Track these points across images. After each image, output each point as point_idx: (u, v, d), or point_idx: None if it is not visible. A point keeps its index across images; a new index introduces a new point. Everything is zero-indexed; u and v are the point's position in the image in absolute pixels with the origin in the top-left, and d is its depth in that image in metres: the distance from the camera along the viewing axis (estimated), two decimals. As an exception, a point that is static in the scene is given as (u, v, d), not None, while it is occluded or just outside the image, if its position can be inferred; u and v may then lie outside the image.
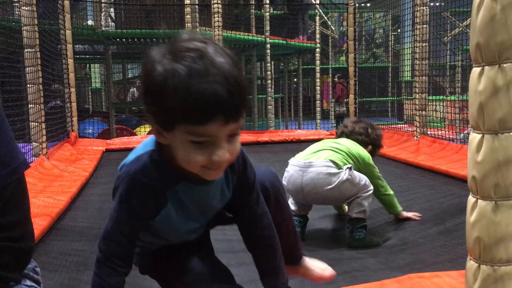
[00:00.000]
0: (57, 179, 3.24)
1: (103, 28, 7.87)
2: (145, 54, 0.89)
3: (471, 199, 1.04)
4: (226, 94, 0.82)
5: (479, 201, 1.01)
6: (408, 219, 2.41)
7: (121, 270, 1.02)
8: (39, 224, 2.10)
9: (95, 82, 16.40)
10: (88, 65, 16.01)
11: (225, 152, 0.87)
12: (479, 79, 1.00)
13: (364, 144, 2.39)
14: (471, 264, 1.05)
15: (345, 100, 10.35)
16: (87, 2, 8.69)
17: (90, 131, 9.58)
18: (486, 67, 0.99)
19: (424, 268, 1.78)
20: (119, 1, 8.88)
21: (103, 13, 9.09)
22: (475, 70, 1.02)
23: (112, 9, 9.64)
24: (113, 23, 9.39)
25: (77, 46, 12.12)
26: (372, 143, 2.44)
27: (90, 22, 9.61)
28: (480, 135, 1.01)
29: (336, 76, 11.98)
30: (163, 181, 0.98)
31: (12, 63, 4.75)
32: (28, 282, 1.00)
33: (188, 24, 7.56)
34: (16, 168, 0.93)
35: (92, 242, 2.09)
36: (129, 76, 15.47)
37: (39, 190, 2.85)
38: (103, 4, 8.99)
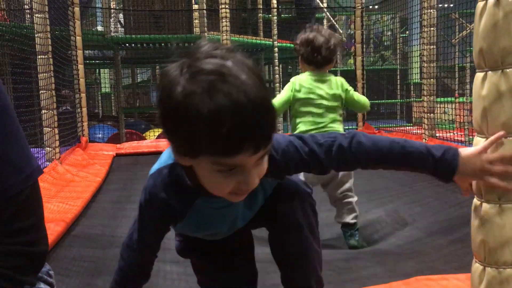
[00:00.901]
0: (69, 184, 3.29)
1: (112, 34, 7.95)
2: (162, 72, 0.83)
3: (476, 202, 1.06)
4: (256, 122, 0.75)
5: (484, 204, 1.03)
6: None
7: (136, 279, 1.05)
8: (53, 230, 2.14)
9: (104, 87, 16.54)
10: (97, 70, 16.16)
11: (255, 178, 0.82)
12: (483, 84, 1.03)
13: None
14: (476, 266, 1.07)
15: None
16: (97, 8, 8.77)
17: (100, 135, 9.67)
18: (489, 72, 1.01)
19: (432, 274, 1.78)
20: (128, 7, 8.97)
21: (112, 18, 9.19)
22: (479, 75, 1.04)
23: (121, 15, 9.74)
24: (122, 29, 9.49)
25: (86, 51, 12.26)
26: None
27: (99, 28, 9.72)
28: (484, 139, 1.03)
29: None
30: (182, 197, 0.95)
31: (24, 69, 4.83)
32: (42, 285, 1.04)
33: (196, 28, 7.62)
34: (30, 174, 0.96)
35: (106, 249, 2.13)
36: (138, 81, 15.59)
37: (52, 195, 2.90)
38: (112, 10, 9.09)
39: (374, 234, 2.52)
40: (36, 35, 3.66)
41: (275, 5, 8.82)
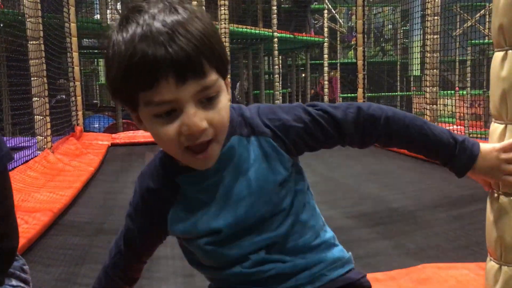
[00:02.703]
0: (61, 173, 3.20)
1: (109, 22, 7.81)
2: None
3: (492, 194, 0.96)
4: (171, 46, 0.66)
5: (501, 197, 0.94)
6: None
7: (116, 279, 0.92)
8: (40, 220, 2.06)
9: (102, 77, 16.41)
10: (96, 60, 16.02)
11: (196, 119, 0.69)
12: (502, 64, 0.93)
13: None
14: (491, 265, 0.98)
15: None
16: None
17: (96, 125, 9.58)
18: (510, 51, 0.91)
19: (439, 256, 1.73)
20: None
21: (110, 8, 9.05)
22: (497, 55, 0.94)
23: (118, 4, 9.60)
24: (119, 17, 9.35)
25: (85, 40, 12.12)
26: None
27: (97, 17, 9.58)
28: (502, 126, 0.94)
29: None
30: (162, 179, 0.84)
31: (19, 56, 4.73)
32: (14, 282, 0.95)
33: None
34: None
35: (92, 237, 2.04)
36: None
37: (41, 184, 2.81)
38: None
39: (377, 207, 2.47)
40: (27, 20, 3.54)
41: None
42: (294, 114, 0.82)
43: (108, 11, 9.14)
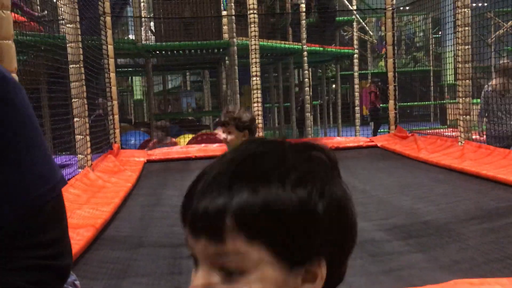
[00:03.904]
0: (101, 190, 3.34)
1: (143, 42, 8.07)
2: None
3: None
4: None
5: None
6: None
7: None
8: (83, 235, 2.16)
9: (136, 94, 16.84)
10: (130, 77, 16.47)
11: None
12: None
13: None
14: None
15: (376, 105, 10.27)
16: (128, 18, 8.93)
17: (132, 142, 9.84)
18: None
19: (472, 269, 1.74)
20: (158, 15, 9.10)
21: (144, 27, 9.34)
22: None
23: (152, 23, 9.90)
24: (153, 36, 9.64)
25: (119, 60, 12.52)
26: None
27: (131, 36, 9.89)
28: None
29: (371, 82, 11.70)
30: None
31: (58, 79, 4.96)
32: None
33: (225, 34, 7.66)
34: (55, 185, 0.95)
35: (132, 250, 2.14)
36: (169, 87, 15.82)
37: (84, 201, 2.94)
38: (143, 18, 9.24)
39: (410, 220, 2.49)
40: (67, 45, 3.74)
41: (304, 9, 8.78)
42: None
43: (142, 30, 9.44)
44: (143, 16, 8.93)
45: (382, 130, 11.66)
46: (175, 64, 11.55)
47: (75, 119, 3.81)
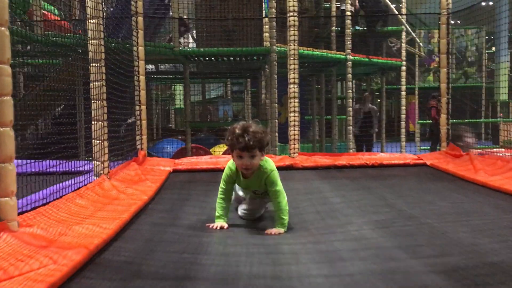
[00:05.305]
0: (112, 202, 2.99)
1: (181, 47, 7.82)
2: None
3: None
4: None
5: None
6: None
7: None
8: (70, 259, 1.81)
9: (178, 102, 16.77)
10: (172, 85, 16.40)
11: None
12: None
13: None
14: None
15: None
16: (165, 19, 8.74)
17: (168, 149, 9.62)
18: None
19: None
20: (200, 22, 8.91)
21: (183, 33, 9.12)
22: None
23: (194, 31, 9.69)
24: (193, 43, 9.43)
25: (162, 66, 12.39)
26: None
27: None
28: None
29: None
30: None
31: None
32: None
33: (266, 42, 7.31)
34: None
35: (127, 281, 1.75)
36: (212, 96, 15.63)
37: (88, 214, 2.60)
38: (179, 21, 9.04)
39: (472, 260, 1.97)
40: (89, 42, 3.45)
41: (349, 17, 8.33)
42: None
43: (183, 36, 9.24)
44: (180, 18, 8.70)
45: (425, 148, 10.97)
46: (215, 72, 11.32)
47: (93, 122, 3.51)
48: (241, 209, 2.84)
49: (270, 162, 2.67)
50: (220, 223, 2.60)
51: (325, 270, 1.91)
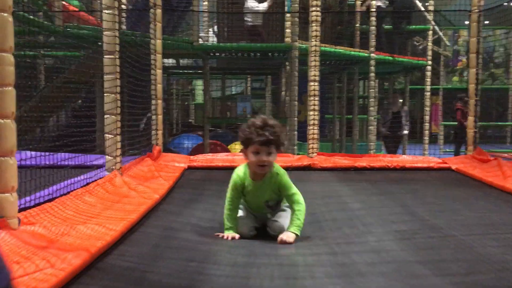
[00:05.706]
0: (122, 200, 2.89)
1: (201, 42, 7.71)
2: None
3: None
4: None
5: None
6: None
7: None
8: (70, 263, 1.69)
9: (197, 97, 16.71)
10: (192, 80, 16.34)
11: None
12: None
13: None
14: None
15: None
16: (190, 17, 8.63)
17: (186, 145, 9.54)
18: None
19: None
20: (222, 18, 8.82)
21: (206, 28, 9.01)
22: None
23: (215, 26, 9.59)
24: (214, 38, 9.32)
25: (182, 61, 12.32)
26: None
27: (200, 41, 9.61)
28: None
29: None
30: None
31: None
32: None
33: (287, 38, 7.16)
34: None
35: (128, 291, 1.63)
36: (233, 92, 15.52)
37: (95, 213, 2.49)
38: (205, 18, 8.94)
39: (505, 279, 1.79)
40: (103, 33, 3.35)
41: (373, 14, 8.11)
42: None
43: (203, 31, 9.14)
44: (204, 14, 8.60)
45: (447, 150, 10.65)
46: (235, 68, 11.19)
47: (105, 116, 3.41)
48: (271, 232, 2.47)
49: (278, 166, 2.49)
50: (231, 233, 2.41)
51: (341, 286, 1.76)
